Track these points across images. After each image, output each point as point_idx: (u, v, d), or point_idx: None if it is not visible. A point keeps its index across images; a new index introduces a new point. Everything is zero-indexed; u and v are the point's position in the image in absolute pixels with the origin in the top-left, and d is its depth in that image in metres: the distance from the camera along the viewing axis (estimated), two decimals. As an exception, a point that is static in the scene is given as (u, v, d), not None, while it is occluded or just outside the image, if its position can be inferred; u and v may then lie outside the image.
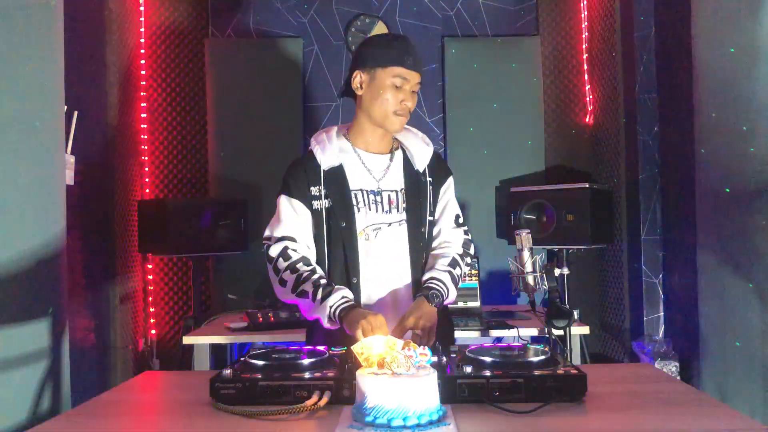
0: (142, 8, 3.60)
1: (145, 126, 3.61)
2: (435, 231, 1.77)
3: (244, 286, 3.43)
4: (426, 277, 1.67)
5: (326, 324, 1.58)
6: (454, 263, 1.70)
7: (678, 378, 2.70)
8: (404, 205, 1.71)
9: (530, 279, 2.15)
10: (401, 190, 1.72)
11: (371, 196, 1.69)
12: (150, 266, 3.58)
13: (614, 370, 1.66)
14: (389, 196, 1.70)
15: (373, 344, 1.16)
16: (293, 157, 1.82)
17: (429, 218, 1.74)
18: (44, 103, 1.85)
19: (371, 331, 1.43)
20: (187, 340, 2.71)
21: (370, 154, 1.74)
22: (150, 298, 3.58)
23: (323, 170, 1.69)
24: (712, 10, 2.30)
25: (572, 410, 1.17)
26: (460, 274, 1.73)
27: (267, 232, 1.71)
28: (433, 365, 1.21)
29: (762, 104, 2.00)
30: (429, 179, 1.76)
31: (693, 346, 2.60)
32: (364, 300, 1.66)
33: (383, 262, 1.68)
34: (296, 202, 1.69)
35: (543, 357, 1.30)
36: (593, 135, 3.61)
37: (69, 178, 2.55)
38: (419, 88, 1.72)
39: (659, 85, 3.00)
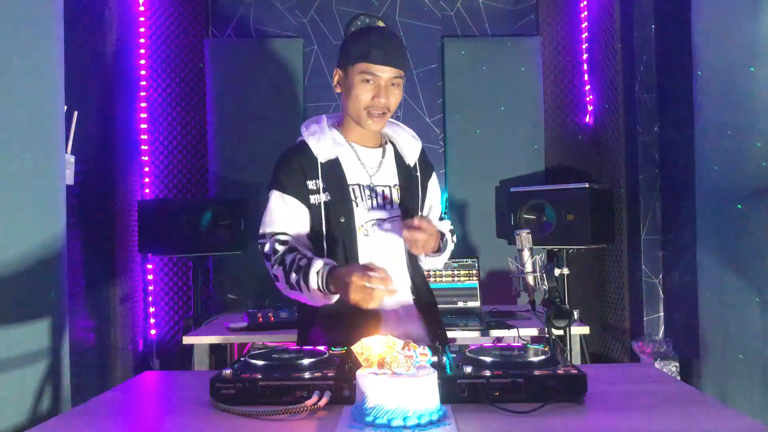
0: (142, 8, 3.60)
1: (145, 126, 3.61)
2: None
3: (244, 286, 3.44)
4: (444, 230, 1.74)
5: (319, 300, 1.53)
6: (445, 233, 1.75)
7: (678, 378, 2.70)
8: (398, 200, 1.69)
9: (530, 279, 2.16)
10: (395, 185, 1.70)
11: (366, 191, 1.66)
12: (150, 266, 3.58)
13: (614, 370, 1.65)
14: (383, 191, 1.68)
15: (373, 344, 1.16)
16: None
17: (421, 213, 1.74)
18: (44, 103, 1.85)
19: (368, 278, 1.37)
20: (187, 340, 2.71)
21: (364, 148, 1.71)
22: (150, 298, 3.58)
23: (320, 162, 1.63)
24: (712, 10, 2.30)
25: (572, 410, 1.17)
26: (450, 243, 1.77)
27: (261, 230, 1.65)
28: (433, 365, 1.21)
29: (762, 104, 2.00)
30: (417, 174, 1.76)
31: (693, 346, 2.60)
32: None
33: (381, 257, 1.64)
34: (289, 198, 1.63)
35: (543, 357, 1.30)
36: (593, 135, 3.61)
37: (69, 178, 2.54)
38: (399, 82, 1.62)
39: (659, 85, 3.00)
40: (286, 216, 1.63)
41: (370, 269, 1.40)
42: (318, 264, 1.49)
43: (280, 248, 1.59)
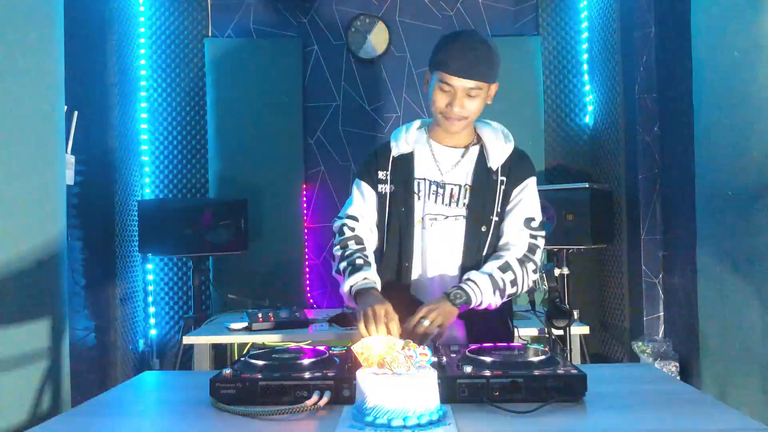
0: (142, 8, 3.60)
1: (145, 126, 3.61)
2: (500, 231, 1.71)
3: (244, 286, 3.44)
4: (465, 276, 1.62)
5: (346, 302, 1.65)
6: (505, 267, 1.62)
7: (678, 378, 2.70)
8: (466, 201, 1.69)
9: (530, 279, 2.15)
10: (466, 185, 1.71)
11: (433, 187, 1.70)
12: (150, 266, 3.58)
13: (614, 370, 1.65)
14: (452, 189, 1.70)
15: (373, 344, 1.16)
16: (294, 158, 1.84)
17: (495, 218, 1.69)
18: (44, 103, 1.86)
19: (372, 320, 1.46)
20: (187, 340, 2.71)
21: (443, 147, 1.75)
22: (150, 298, 3.58)
23: (393, 156, 1.74)
24: (712, 10, 2.30)
25: (572, 410, 1.17)
26: (513, 280, 1.62)
27: (340, 212, 1.79)
28: (433, 365, 1.21)
29: (762, 104, 2.00)
30: (502, 178, 1.71)
31: (693, 346, 2.60)
32: (412, 284, 1.70)
33: (436, 252, 1.69)
34: (364, 185, 1.76)
35: (543, 357, 1.30)
36: (593, 135, 3.61)
37: (69, 178, 2.55)
38: (478, 93, 1.62)
39: (659, 85, 3.00)
40: (360, 201, 1.76)
41: (384, 313, 1.48)
42: (359, 276, 1.61)
43: (348, 233, 1.71)
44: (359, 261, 1.64)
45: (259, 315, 2.74)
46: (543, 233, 1.72)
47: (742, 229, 2.12)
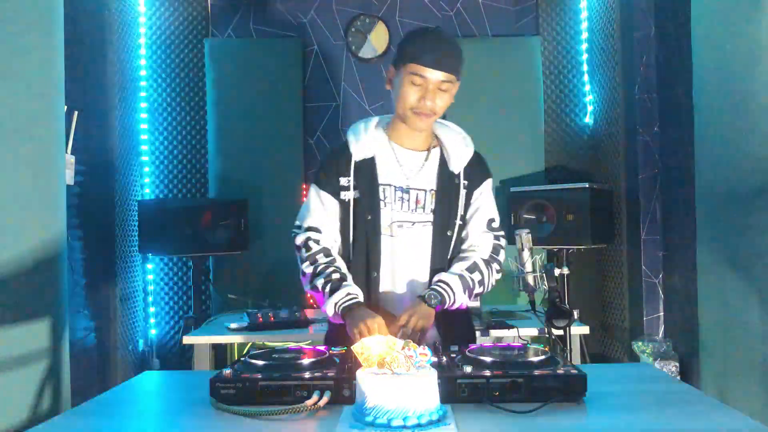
0: (142, 8, 3.60)
1: (145, 126, 3.61)
2: (464, 234, 1.72)
3: (244, 286, 3.43)
4: (436, 278, 1.64)
5: (332, 319, 1.61)
6: (473, 267, 1.65)
7: (678, 378, 2.70)
8: (432, 206, 1.67)
9: (530, 279, 2.16)
10: (431, 190, 1.68)
11: (398, 193, 1.66)
12: (150, 266, 3.58)
13: (614, 370, 1.65)
14: (417, 195, 1.67)
15: (373, 344, 1.16)
16: (294, 158, 1.82)
17: (459, 222, 1.69)
18: (44, 103, 1.85)
19: (368, 335, 1.43)
20: (187, 340, 2.71)
21: (405, 150, 1.70)
22: (150, 298, 3.58)
23: (354, 161, 1.67)
24: (712, 10, 2.30)
25: (572, 410, 1.17)
26: (480, 280, 1.66)
27: (297, 221, 1.72)
28: (433, 365, 1.21)
29: (762, 104, 2.00)
30: (464, 182, 1.71)
31: (693, 346, 2.60)
32: (381, 295, 1.66)
33: (404, 260, 1.66)
34: (324, 194, 1.68)
35: (543, 357, 1.30)
36: (593, 135, 3.61)
37: (69, 178, 2.55)
38: (448, 87, 1.61)
39: (659, 85, 3.00)
40: (320, 211, 1.68)
41: (377, 327, 1.47)
42: (342, 292, 1.57)
43: (314, 247, 1.65)
44: (335, 276, 1.59)
45: (259, 315, 2.74)
46: (503, 233, 1.76)
47: (742, 229, 2.12)
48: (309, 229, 1.67)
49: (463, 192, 1.70)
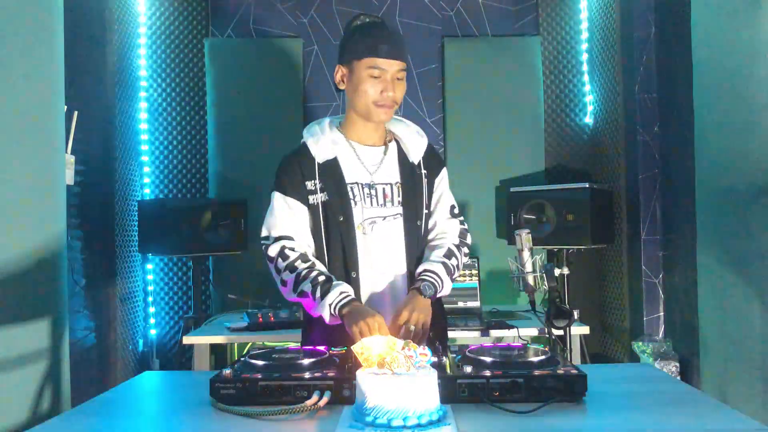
0: (142, 8, 3.60)
1: (145, 126, 3.61)
2: (431, 223, 1.75)
3: (244, 286, 3.43)
4: (420, 269, 1.65)
5: (328, 321, 1.57)
6: (449, 254, 1.69)
7: (678, 378, 2.70)
8: (400, 198, 1.69)
9: (530, 279, 2.16)
10: (396, 183, 1.70)
11: (366, 190, 1.67)
12: (150, 266, 3.58)
13: (614, 370, 1.66)
14: (383, 189, 1.68)
15: (373, 344, 1.16)
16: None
17: (425, 211, 1.72)
18: (44, 103, 1.86)
19: (369, 333, 1.42)
20: (187, 340, 2.71)
21: (364, 147, 1.71)
22: (150, 298, 3.58)
23: (318, 163, 1.66)
24: (712, 10, 2.30)
25: (572, 410, 1.17)
26: (456, 265, 1.71)
27: (264, 232, 1.68)
28: (433, 365, 1.21)
29: (762, 104, 2.00)
30: (424, 171, 1.74)
31: (693, 346, 2.60)
32: (363, 294, 1.65)
33: (380, 255, 1.66)
34: (291, 200, 1.66)
35: (543, 357, 1.30)
36: (593, 135, 3.61)
37: (69, 178, 2.54)
38: (403, 75, 1.65)
39: (659, 85, 3.00)
40: (289, 218, 1.66)
41: (377, 326, 1.45)
42: (335, 292, 1.54)
43: (291, 255, 1.62)
44: (321, 278, 1.57)
45: (259, 315, 2.74)
46: (463, 218, 1.82)
47: (742, 229, 2.13)
48: (280, 238, 1.64)
49: (425, 181, 1.74)
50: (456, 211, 1.79)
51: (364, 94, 1.63)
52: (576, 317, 2.67)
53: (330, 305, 1.54)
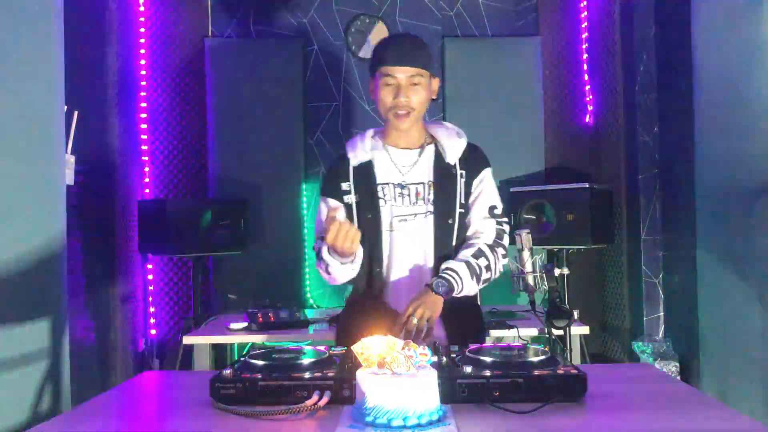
0: (142, 8, 3.60)
1: (145, 126, 3.61)
2: (467, 222, 1.77)
3: (244, 286, 3.43)
4: (443, 266, 1.67)
5: (342, 271, 1.64)
6: (478, 253, 1.69)
7: (678, 378, 2.70)
8: (431, 197, 1.73)
9: (530, 279, 2.15)
10: (429, 182, 1.74)
11: (397, 189, 1.73)
12: (150, 266, 3.58)
13: (614, 370, 1.66)
14: (416, 188, 1.74)
15: (373, 344, 1.16)
16: (294, 158, 1.84)
17: (460, 210, 1.74)
18: (44, 103, 1.86)
19: (337, 230, 1.50)
20: (187, 340, 2.71)
21: (399, 150, 1.78)
22: (150, 298, 3.58)
23: (353, 166, 1.76)
24: (712, 10, 2.30)
25: (572, 410, 1.17)
26: (487, 265, 1.70)
27: (316, 237, 1.78)
28: (433, 365, 1.21)
29: (762, 104, 2.00)
30: (461, 172, 1.77)
31: (693, 346, 2.60)
32: (386, 288, 1.71)
33: (407, 252, 1.71)
34: (330, 200, 1.77)
35: (543, 357, 1.30)
36: (593, 135, 3.61)
37: (69, 178, 2.54)
38: (421, 81, 1.68)
39: (659, 85, 3.01)
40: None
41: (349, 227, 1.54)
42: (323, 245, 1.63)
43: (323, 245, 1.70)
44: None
45: (259, 315, 2.73)
46: (506, 220, 1.81)
47: (742, 229, 2.13)
48: (321, 236, 1.72)
49: (461, 181, 1.76)
50: (497, 211, 1.79)
51: (381, 103, 1.71)
52: (576, 317, 2.67)
53: (321, 248, 1.62)
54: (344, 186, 1.75)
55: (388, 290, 1.72)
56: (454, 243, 1.74)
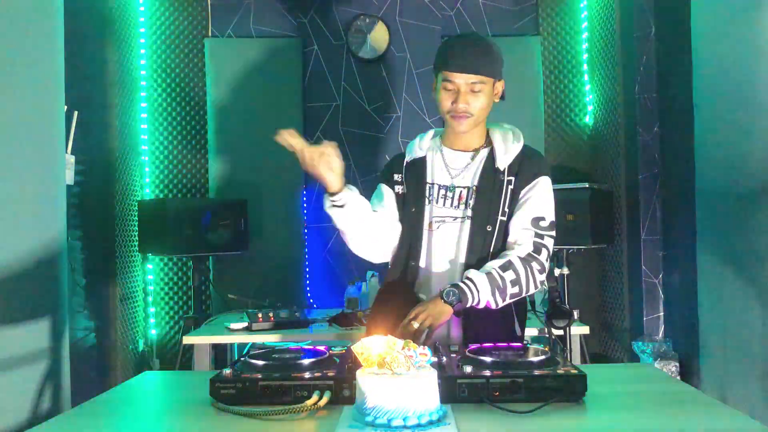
0: (142, 8, 3.60)
1: (145, 126, 3.61)
2: (507, 230, 1.71)
3: (244, 286, 3.43)
4: (465, 274, 1.61)
5: (347, 219, 1.66)
6: (507, 265, 1.60)
7: (678, 378, 2.70)
8: (471, 202, 1.70)
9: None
10: (473, 187, 1.71)
11: (443, 191, 1.74)
12: (150, 266, 3.58)
13: (614, 370, 1.66)
14: (460, 192, 1.73)
15: (373, 344, 1.16)
16: (293, 158, 1.82)
17: (501, 218, 1.69)
18: (44, 103, 1.86)
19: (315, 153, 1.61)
20: (187, 340, 2.71)
21: (454, 151, 1.78)
22: (150, 298, 3.58)
23: (407, 161, 1.81)
24: (712, 10, 2.30)
25: (572, 410, 1.17)
26: (514, 279, 1.60)
27: None
28: (433, 365, 1.21)
29: (762, 104, 2.00)
30: (509, 178, 1.70)
31: (693, 346, 2.60)
32: (418, 282, 1.73)
33: (442, 253, 1.72)
34: (384, 186, 1.82)
35: (543, 357, 1.30)
36: (593, 135, 3.61)
37: (69, 178, 2.55)
38: (483, 87, 1.66)
39: (659, 85, 3.00)
40: (378, 198, 1.82)
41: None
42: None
43: None
44: None
45: (259, 315, 2.74)
46: (552, 233, 1.69)
47: (742, 229, 2.13)
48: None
49: (508, 188, 1.70)
50: (543, 224, 1.68)
51: (440, 105, 1.71)
52: (576, 317, 2.67)
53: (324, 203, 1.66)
54: (396, 177, 1.81)
55: (420, 283, 1.73)
56: (491, 250, 1.68)
